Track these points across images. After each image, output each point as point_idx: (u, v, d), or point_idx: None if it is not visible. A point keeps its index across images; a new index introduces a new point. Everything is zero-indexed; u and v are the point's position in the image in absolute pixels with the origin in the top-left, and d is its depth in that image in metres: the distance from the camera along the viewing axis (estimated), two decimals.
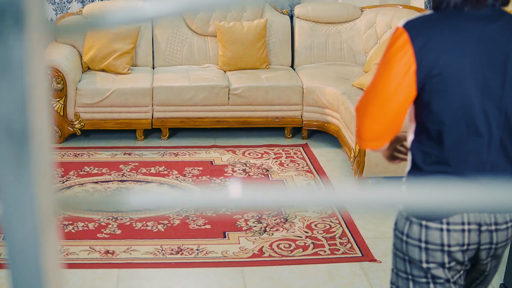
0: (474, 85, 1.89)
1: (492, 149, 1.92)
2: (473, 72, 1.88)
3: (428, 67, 1.87)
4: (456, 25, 1.90)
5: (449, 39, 1.89)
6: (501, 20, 1.91)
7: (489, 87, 1.89)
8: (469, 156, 1.92)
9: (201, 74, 5.38)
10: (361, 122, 1.98)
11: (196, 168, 4.78)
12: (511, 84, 1.89)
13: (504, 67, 1.89)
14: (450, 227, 1.93)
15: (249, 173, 4.73)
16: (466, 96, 1.89)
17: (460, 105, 1.89)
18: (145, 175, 4.66)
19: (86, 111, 5.19)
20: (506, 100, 1.90)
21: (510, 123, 1.92)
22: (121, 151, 5.07)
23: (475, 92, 1.89)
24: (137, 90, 5.17)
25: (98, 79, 5.28)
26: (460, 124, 1.90)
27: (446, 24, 1.91)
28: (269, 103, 5.24)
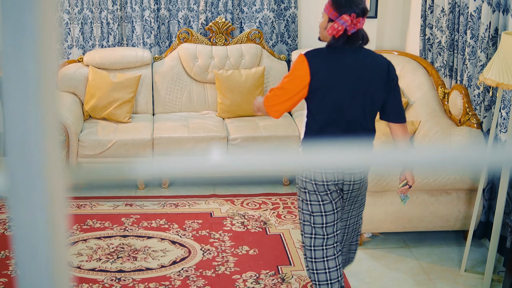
0: (344, 92, 3.20)
1: (353, 135, 3.27)
2: (344, 85, 3.20)
3: (317, 81, 3.18)
4: (337, 56, 3.22)
5: (331, 65, 3.20)
6: (363, 53, 3.25)
7: (355, 94, 3.21)
8: (337, 130, 3.24)
9: (200, 123, 5.51)
10: (271, 106, 3.25)
11: (195, 221, 4.90)
12: (368, 93, 3.22)
13: (365, 82, 3.21)
14: (327, 171, 3.29)
15: (247, 226, 4.85)
16: (336, 99, 3.21)
17: (332, 104, 3.21)
18: (146, 229, 4.78)
19: (88, 161, 5.31)
20: (364, 102, 3.23)
21: (366, 116, 3.28)
22: (122, 202, 5.19)
23: (344, 96, 3.20)
24: (138, 141, 5.29)
25: (99, 129, 5.40)
26: (329, 113, 3.21)
27: (330, 55, 3.22)
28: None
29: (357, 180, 3.35)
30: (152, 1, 5.94)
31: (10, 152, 0.65)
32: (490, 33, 4.48)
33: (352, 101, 3.21)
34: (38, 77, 0.64)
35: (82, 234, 4.70)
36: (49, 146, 0.65)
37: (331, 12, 3.23)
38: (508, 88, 3.76)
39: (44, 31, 0.63)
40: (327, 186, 3.29)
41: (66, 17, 5.96)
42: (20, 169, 0.65)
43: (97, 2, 5.91)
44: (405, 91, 5.52)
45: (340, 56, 3.20)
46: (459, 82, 5.01)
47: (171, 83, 5.82)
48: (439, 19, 5.35)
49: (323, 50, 3.24)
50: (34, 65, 0.63)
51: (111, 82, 5.58)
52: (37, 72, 0.63)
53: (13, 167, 0.65)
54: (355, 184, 3.35)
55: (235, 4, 5.95)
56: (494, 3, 4.40)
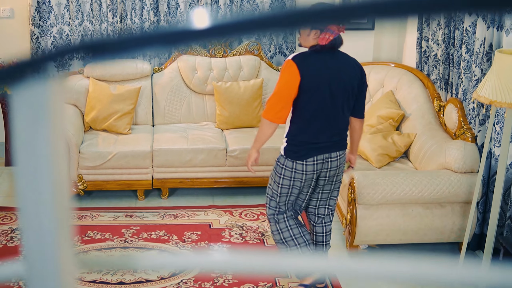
0: (328, 91, 3.68)
1: (334, 127, 3.77)
2: (328, 84, 3.67)
3: (306, 82, 3.64)
4: (321, 59, 3.70)
5: (317, 67, 3.68)
6: (340, 56, 3.78)
7: (335, 92, 3.70)
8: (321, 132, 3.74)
9: (199, 134, 5.58)
10: (273, 112, 3.69)
11: (194, 233, 4.98)
12: (346, 91, 3.73)
13: (344, 82, 3.72)
14: (308, 163, 3.80)
15: (246, 237, 4.93)
16: (321, 97, 3.67)
17: (317, 101, 3.68)
18: (146, 241, 4.85)
19: (88, 173, 5.38)
20: (343, 99, 3.73)
21: (344, 111, 3.76)
22: (122, 213, 5.27)
23: (327, 95, 3.68)
24: (138, 153, 5.37)
25: (100, 140, 5.48)
26: (314, 110, 3.69)
27: (315, 59, 3.70)
28: (265, 163, 5.43)
29: (333, 167, 3.89)
30: (151, 13, 6.02)
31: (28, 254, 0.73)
32: (485, 49, 4.55)
33: (333, 99, 3.72)
34: (52, 196, 0.71)
35: (83, 245, 4.77)
36: (63, 250, 0.73)
37: None
38: (501, 106, 3.83)
39: (55, 151, 0.71)
40: (305, 176, 3.86)
41: (66, 29, 6.03)
42: (36, 261, 0.72)
43: (98, 14, 5.99)
44: (401, 103, 5.59)
45: (323, 59, 3.72)
46: (454, 96, 5.09)
47: (171, 94, 5.90)
48: (435, 32, 5.42)
49: (308, 54, 3.74)
50: (49, 181, 0.71)
51: (111, 94, 5.65)
52: (51, 190, 0.71)
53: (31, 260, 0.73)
54: (331, 170, 3.90)
55: (234, 15, 6.01)
56: (489, 20, 4.47)
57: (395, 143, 5.17)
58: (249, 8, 6.07)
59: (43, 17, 5.99)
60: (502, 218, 4.50)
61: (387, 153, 5.13)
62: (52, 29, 6.03)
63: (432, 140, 4.95)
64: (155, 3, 6.03)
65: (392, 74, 5.84)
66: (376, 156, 5.12)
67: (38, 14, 5.96)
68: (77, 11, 5.99)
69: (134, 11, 6.03)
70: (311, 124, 3.73)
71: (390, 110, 5.47)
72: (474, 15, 4.70)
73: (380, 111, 5.51)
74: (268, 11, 0.57)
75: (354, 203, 4.55)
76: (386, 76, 5.85)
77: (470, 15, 4.73)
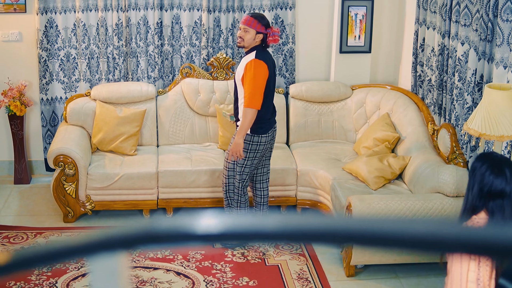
0: (273, 81, 4.93)
1: (273, 105, 5.06)
2: (273, 76, 4.95)
3: (269, 76, 4.86)
4: (268, 57, 4.94)
5: (269, 63, 4.90)
6: (269, 53, 5.07)
7: (274, 80, 4.99)
8: (271, 110, 5.01)
9: (202, 155, 5.80)
10: (256, 101, 4.79)
11: (198, 252, 5.20)
12: (275, 78, 5.05)
13: (275, 72, 5.07)
14: (268, 134, 4.98)
15: (247, 257, 5.15)
16: (272, 86, 4.95)
17: (271, 90, 4.93)
18: (152, 260, 5.07)
19: (96, 193, 5.60)
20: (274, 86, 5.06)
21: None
22: None
23: (273, 83, 4.95)
24: (144, 175, 5.59)
25: (106, 162, 5.70)
26: (270, 97, 4.94)
27: (266, 57, 4.91)
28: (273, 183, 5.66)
29: (275, 136, 5.14)
30: (156, 37, 6.24)
31: None
32: (476, 78, 4.77)
33: (274, 84, 4.99)
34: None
35: None
36: None
37: (259, 27, 4.86)
38: (489, 139, 4.06)
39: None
40: (266, 146, 5.02)
41: (73, 52, 6.25)
42: None
43: (103, 38, 6.20)
44: (397, 125, 5.82)
45: (268, 56, 4.96)
46: (447, 121, 5.31)
47: (175, 116, 6.12)
48: (429, 58, 5.65)
49: (263, 53, 4.89)
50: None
51: (117, 117, 5.87)
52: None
53: None
54: (274, 138, 5.12)
55: (236, 39, 6.24)
56: (480, 52, 4.69)
57: (390, 166, 5.40)
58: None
59: (50, 41, 6.20)
60: None
61: (383, 175, 5.36)
62: (60, 52, 6.24)
63: (426, 164, 5.17)
64: (159, 28, 6.25)
65: (388, 96, 6.07)
66: (373, 179, 5.34)
67: (45, 38, 6.17)
68: (84, 35, 6.21)
69: (139, 35, 6.25)
70: (268, 104, 4.93)
71: (386, 133, 5.70)
72: (467, 45, 4.92)
73: (376, 133, 5.74)
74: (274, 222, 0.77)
75: None
76: (382, 99, 6.08)
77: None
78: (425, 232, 0.74)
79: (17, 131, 6.29)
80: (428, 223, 0.75)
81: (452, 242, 0.74)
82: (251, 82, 4.78)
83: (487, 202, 2.81)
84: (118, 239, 0.87)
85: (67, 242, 0.92)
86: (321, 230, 0.73)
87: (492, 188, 2.80)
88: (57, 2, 6.12)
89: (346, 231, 0.74)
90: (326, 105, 6.22)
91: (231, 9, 6.26)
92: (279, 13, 6.32)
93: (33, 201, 6.06)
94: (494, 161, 2.84)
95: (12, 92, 6.13)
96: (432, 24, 5.56)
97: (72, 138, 5.70)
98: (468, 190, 2.88)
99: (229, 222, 0.83)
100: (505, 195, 2.79)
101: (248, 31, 4.88)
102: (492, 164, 2.82)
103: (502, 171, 2.80)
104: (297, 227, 0.76)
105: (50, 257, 0.92)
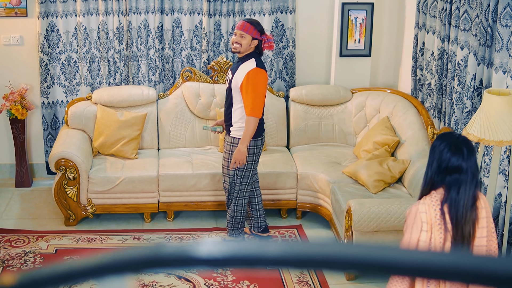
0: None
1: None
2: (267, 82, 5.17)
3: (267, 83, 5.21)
4: (263, 63, 4.97)
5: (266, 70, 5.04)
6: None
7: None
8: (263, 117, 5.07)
9: (203, 159, 5.83)
10: (259, 110, 4.88)
11: None
12: None
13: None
14: (263, 136, 5.07)
15: None
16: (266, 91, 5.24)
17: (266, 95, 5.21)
18: None
19: (97, 197, 5.63)
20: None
21: None
22: (130, 236, 5.51)
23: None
24: (145, 178, 5.61)
25: (108, 165, 5.72)
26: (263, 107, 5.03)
27: (263, 63, 4.97)
28: (265, 187, 5.69)
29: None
30: (157, 40, 6.26)
31: None
32: (476, 83, 4.80)
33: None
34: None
35: None
36: None
37: (255, 33, 4.88)
38: (489, 144, 4.08)
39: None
40: (262, 148, 5.11)
41: (74, 56, 6.27)
42: None
43: (104, 42, 6.23)
44: (396, 129, 5.84)
45: (263, 63, 5.03)
46: (447, 125, 5.33)
47: (175, 120, 6.14)
48: (429, 62, 5.67)
49: (260, 60, 4.96)
50: None
51: (118, 121, 5.89)
52: None
53: None
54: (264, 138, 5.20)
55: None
56: (480, 57, 4.72)
57: (390, 170, 5.42)
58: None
59: (51, 45, 6.23)
60: None
61: (383, 179, 5.38)
62: (61, 56, 6.27)
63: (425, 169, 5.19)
64: (160, 32, 6.27)
65: (388, 100, 6.09)
66: (372, 182, 5.36)
67: (47, 41, 6.20)
68: (85, 39, 6.23)
69: (140, 39, 6.27)
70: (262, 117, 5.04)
71: (386, 136, 5.72)
72: (466, 49, 4.95)
73: (376, 137, 5.76)
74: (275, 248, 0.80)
75: (351, 229, 4.80)
76: (382, 102, 6.10)
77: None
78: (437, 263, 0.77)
79: (19, 135, 6.32)
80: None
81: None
82: (254, 91, 4.84)
83: (445, 178, 2.99)
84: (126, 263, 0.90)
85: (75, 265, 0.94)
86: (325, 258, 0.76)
87: (449, 164, 2.97)
88: (58, 6, 6.15)
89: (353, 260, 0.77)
90: (326, 109, 6.25)
91: (232, 13, 6.28)
92: (279, 17, 6.35)
93: (34, 204, 6.08)
94: (452, 140, 3.02)
95: (14, 96, 6.16)
96: (431, 28, 5.59)
97: (74, 142, 5.72)
98: (428, 167, 3.06)
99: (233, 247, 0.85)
100: (461, 171, 2.96)
101: (244, 37, 4.90)
102: (450, 143, 3.00)
103: (459, 149, 2.98)
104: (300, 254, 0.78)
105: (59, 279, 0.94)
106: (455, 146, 2.99)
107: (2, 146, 6.57)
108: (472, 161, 2.98)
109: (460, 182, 2.97)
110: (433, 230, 2.96)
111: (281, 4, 6.33)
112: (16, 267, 5.01)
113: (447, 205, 2.97)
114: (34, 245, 5.34)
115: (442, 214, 2.96)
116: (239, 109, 4.99)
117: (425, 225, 2.97)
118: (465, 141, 3.03)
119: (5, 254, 5.19)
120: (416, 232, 2.97)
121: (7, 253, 5.21)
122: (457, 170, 2.97)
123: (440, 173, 3.00)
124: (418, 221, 2.98)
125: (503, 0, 4.39)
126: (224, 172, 5.18)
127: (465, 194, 2.96)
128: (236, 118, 5.01)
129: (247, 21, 4.95)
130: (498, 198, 4.66)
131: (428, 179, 3.05)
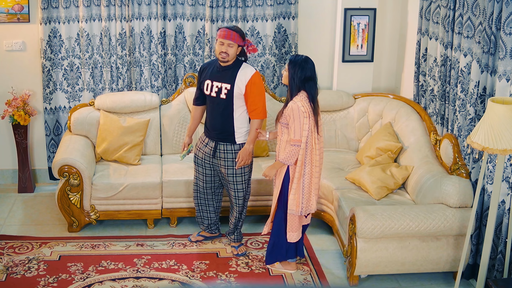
0: None
1: None
2: None
3: None
4: None
5: None
6: None
7: None
8: None
9: None
10: (265, 111, 5.07)
11: (203, 262, 5.23)
12: None
13: None
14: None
15: (252, 267, 5.18)
16: None
17: None
18: (157, 271, 5.09)
19: (101, 203, 5.63)
20: None
21: None
22: (134, 242, 5.51)
23: None
24: (148, 185, 5.62)
25: (111, 172, 5.72)
26: None
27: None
28: (269, 193, 5.69)
29: None
30: (159, 46, 6.27)
31: None
32: (479, 91, 4.80)
33: None
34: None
35: (98, 276, 5.02)
36: None
37: (241, 41, 4.99)
38: (492, 153, 4.09)
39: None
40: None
41: (77, 62, 6.28)
42: None
43: (107, 48, 6.23)
44: (399, 135, 5.85)
45: None
46: (450, 131, 5.34)
47: (178, 125, 6.15)
48: (432, 68, 5.68)
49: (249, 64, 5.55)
50: None
51: (121, 127, 5.90)
52: None
53: None
54: None
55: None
56: (483, 64, 4.72)
57: (393, 176, 5.43)
58: (253, 41, 6.32)
59: (54, 51, 6.23)
60: (494, 251, 4.76)
61: (386, 185, 5.39)
62: (63, 62, 6.27)
63: (429, 174, 5.20)
64: (163, 37, 6.28)
65: (391, 106, 6.10)
66: (375, 189, 5.37)
67: (49, 47, 6.20)
68: (87, 44, 6.23)
69: (143, 45, 6.28)
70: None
71: (388, 142, 5.73)
72: (469, 57, 4.96)
73: (379, 143, 5.77)
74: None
75: (355, 237, 4.81)
76: (385, 108, 6.11)
77: (465, 56, 5.00)
78: None
79: (21, 140, 6.32)
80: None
81: None
82: (261, 94, 5.06)
83: (305, 84, 4.72)
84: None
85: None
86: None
87: (305, 76, 4.70)
88: (61, 12, 6.15)
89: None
90: (329, 114, 6.26)
91: (234, 19, 6.28)
92: (282, 23, 6.35)
93: (37, 210, 6.09)
94: (301, 62, 4.73)
95: (16, 102, 6.16)
96: (434, 34, 5.60)
97: (77, 148, 5.72)
98: (292, 79, 4.72)
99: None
100: (312, 79, 4.73)
101: (232, 46, 4.97)
102: (300, 64, 4.72)
103: (306, 67, 4.72)
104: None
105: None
106: (303, 66, 4.72)
107: (4, 152, 6.57)
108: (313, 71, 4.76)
109: (313, 86, 4.74)
110: (310, 116, 4.68)
111: (284, 9, 6.33)
112: (20, 274, 5.01)
113: (311, 100, 4.72)
114: (37, 252, 5.34)
115: (311, 105, 4.71)
116: (242, 114, 5.10)
117: (306, 114, 4.66)
118: (306, 60, 4.75)
119: (9, 261, 5.19)
120: (303, 118, 4.65)
121: (10, 260, 5.21)
122: (310, 79, 4.73)
123: (301, 81, 4.70)
124: (301, 112, 4.65)
125: (507, 8, 4.40)
126: (238, 188, 5.25)
127: (315, 93, 4.76)
128: (241, 124, 5.13)
129: (231, 30, 4.98)
130: (502, 205, 4.67)
131: (296, 86, 4.71)
